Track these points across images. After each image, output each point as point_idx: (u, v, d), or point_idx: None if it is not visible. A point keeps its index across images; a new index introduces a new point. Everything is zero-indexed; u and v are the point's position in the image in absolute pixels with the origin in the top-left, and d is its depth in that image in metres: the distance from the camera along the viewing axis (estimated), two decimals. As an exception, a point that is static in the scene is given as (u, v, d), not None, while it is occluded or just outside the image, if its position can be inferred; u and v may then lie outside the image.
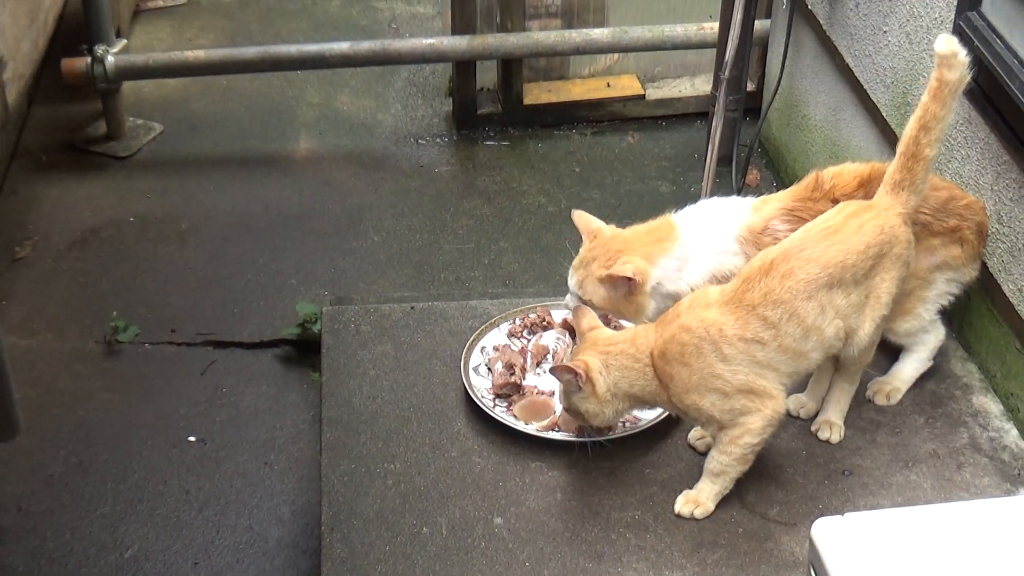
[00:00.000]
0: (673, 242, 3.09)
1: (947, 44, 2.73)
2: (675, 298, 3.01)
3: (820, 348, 2.82)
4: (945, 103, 2.77)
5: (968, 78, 2.76)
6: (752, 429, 2.79)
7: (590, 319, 2.94)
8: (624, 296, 3.06)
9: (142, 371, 4.03)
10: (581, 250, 3.14)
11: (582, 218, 3.20)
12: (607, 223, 3.20)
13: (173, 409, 3.88)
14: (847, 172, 3.14)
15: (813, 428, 3.07)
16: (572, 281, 3.12)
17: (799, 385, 3.17)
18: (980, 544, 1.97)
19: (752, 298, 2.75)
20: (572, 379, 2.81)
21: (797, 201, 3.12)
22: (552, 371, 2.89)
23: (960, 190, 3.18)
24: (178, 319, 4.22)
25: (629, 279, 3.01)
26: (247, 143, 5.17)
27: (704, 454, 2.94)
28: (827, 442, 3.04)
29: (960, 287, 3.16)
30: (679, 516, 2.86)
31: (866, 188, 3.08)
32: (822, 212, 3.03)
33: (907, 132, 2.82)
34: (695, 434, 3.05)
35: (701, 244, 3.10)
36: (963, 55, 2.74)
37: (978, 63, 3.16)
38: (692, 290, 3.01)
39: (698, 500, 2.87)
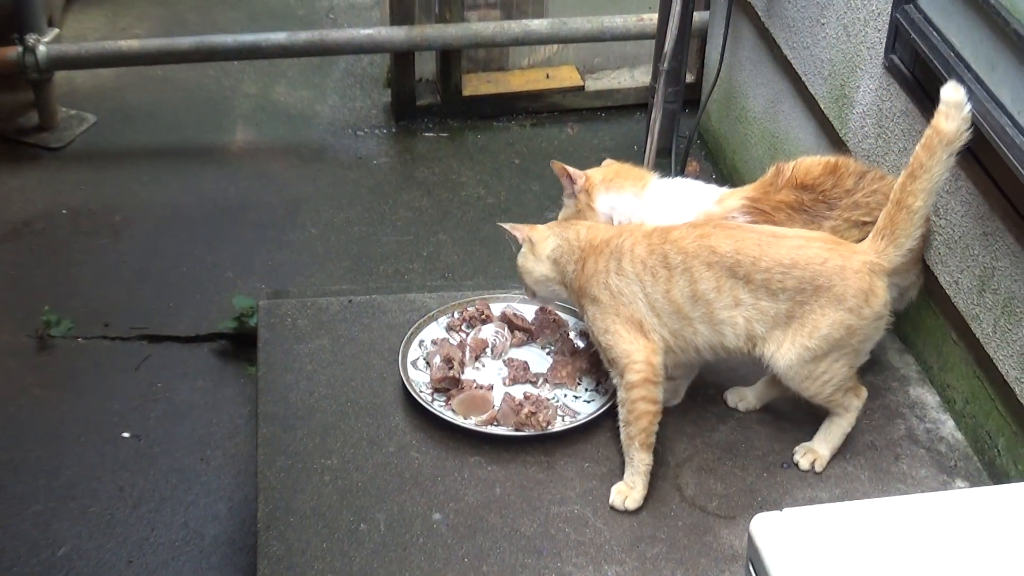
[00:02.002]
0: (636, 187, 3.24)
1: (955, 92, 2.61)
2: None
3: (708, 326, 2.83)
4: (934, 154, 2.64)
5: (966, 136, 2.64)
6: (629, 364, 2.85)
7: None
8: (574, 206, 3.24)
9: (75, 366, 3.97)
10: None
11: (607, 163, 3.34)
12: (546, 217, 3.26)
13: (107, 405, 3.83)
14: (811, 159, 3.17)
15: (795, 455, 3.01)
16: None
17: (744, 379, 3.19)
18: (916, 538, 1.97)
19: (670, 237, 2.86)
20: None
21: (758, 192, 3.15)
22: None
23: None
24: (112, 313, 4.16)
25: (572, 179, 3.20)
26: (183, 134, 5.11)
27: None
28: (810, 470, 2.98)
29: (899, 290, 3.17)
30: (613, 509, 2.87)
31: (834, 176, 3.10)
32: (783, 201, 3.06)
33: (900, 178, 2.74)
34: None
35: (657, 212, 3.17)
36: (967, 109, 2.62)
37: (914, 56, 3.18)
38: None
39: (621, 488, 2.89)
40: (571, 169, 3.22)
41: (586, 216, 3.21)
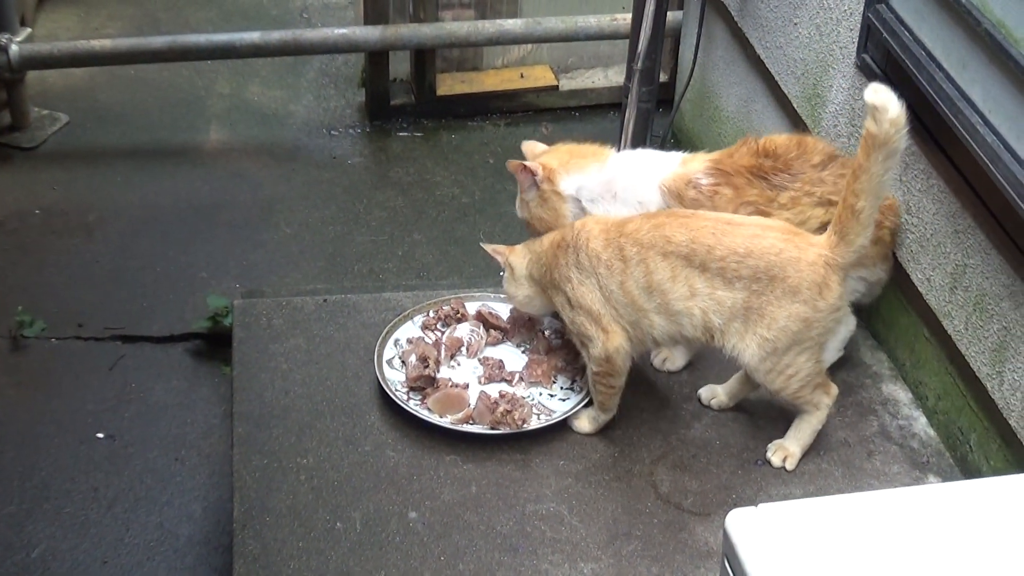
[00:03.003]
0: (597, 162, 3.22)
1: (873, 94, 2.57)
2: None
3: (664, 317, 2.86)
4: (869, 155, 2.62)
5: (899, 138, 2.60)
6: (591, 356, 2.95)
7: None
8: (538, 199, 3.19)
9: (49, 367, 3.95)
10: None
11: (528, 145, 3.34)
12: (520, 216, 3.25)
13: (81, 405, 3.81)
14: (782, 135, 3.21)
15: (768, 452, 3.03)
16: (517, 208, 3.29)
17: (718, 377, 3.20)
18: (890, 533, 1.99)
19: (625, 229, 2.89)
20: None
21: (722, 155, 3.18)
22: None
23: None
24: (86, 313, 4.14)
25: (532, 171, 3.16)
26: (156, 134, 5.09)
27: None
28: (782, 468, 3.00)
29: (867, 285, 3.19)
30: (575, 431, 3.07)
31: (800, 149, 3.12)
32: (744, 165, 3.10)
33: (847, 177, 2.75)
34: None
35: (625, 180, 3.17)
36: (893, 111, 2.56)
37: (886, 55, 3.20)
38: None
39: (579, 415, 3.08)
40: (527, 163, 3.20)
41: (552, 206, 3.19)
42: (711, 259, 2.78)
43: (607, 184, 3.18)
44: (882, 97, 2.56)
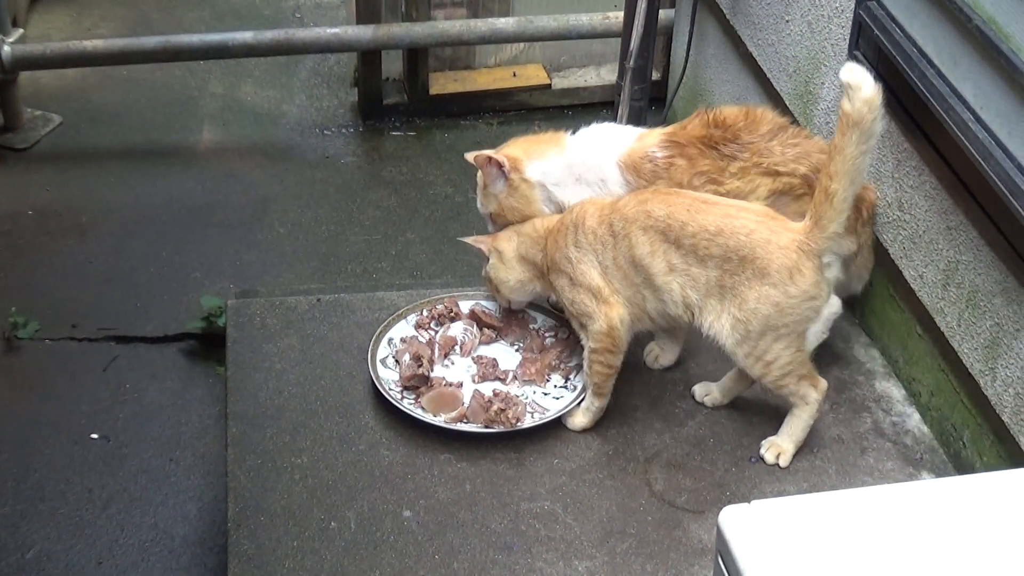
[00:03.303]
0: (555, 147, 3.27)
1: (847, 73, 2.62)
2: (562, 207, 3.20)
3: (651, 291, 2.91)
4: (845, 134, 2.64)
5: (872, 119, 2.62)
6: (591, 332, 2.98)
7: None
8: (507, 189, 3.22)
9: (43, 368, 3.95)
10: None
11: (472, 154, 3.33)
12: (485, 212, 3.31)
13: (75, 406, 3.81)
14: (732, 107, 3.26)
15: (761, 449, 3.03)
16: (479, 204, 3.31)
17: (712, 374, 3.21)
18: (884, 528, 1.99)
19: (617, 206, 2.96)
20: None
21: (676, 128, 3.24)
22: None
23: None
24: (79, 314, 4.14)
25: (499, 163, 3.19)
26: (149, 134, 5.09)
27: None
28: (775, 465, 3.00)
29: (837, 258, 3.17)
30: (570, 430, 3.08)
31: (747, 119, 3.16)
32: (696, 136, 3.16)
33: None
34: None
35: (584, 160, 3.23)
36: (867, 90, 2.59)
37: (878, 52, 3.20)
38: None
39: (573, 412, 3.06)
40: (492, 154, 3.22)
41: (522, 194, 3.21)
42: (684, 235, 2.83)
43: (568, 167, 3.24)
44: (856, 76, 2.61)
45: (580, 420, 3.06)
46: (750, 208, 2.91)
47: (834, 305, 3.18)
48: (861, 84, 2.60)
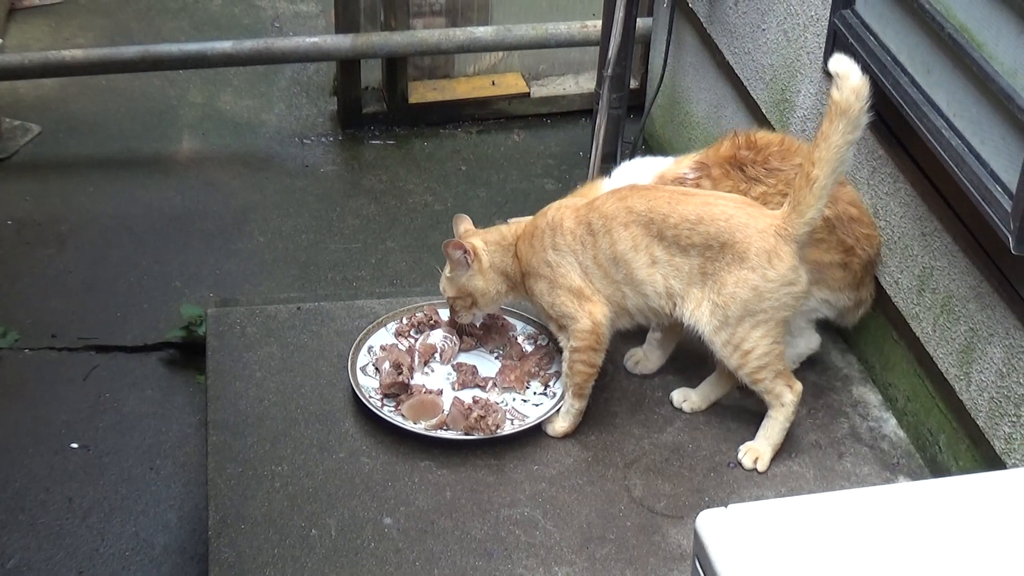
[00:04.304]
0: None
1: (835, 63, 2.68)
2: None
3: (632, 287, 2.94)
4: (832, 122, 2.70)
5: (859, 108, 2.68)
6: (573, 332, 2.99)
7: (466, 224, 3.21)
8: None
9: (22, 377, 3.95)
10: None
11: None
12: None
13: (55, 415, 3.81)
14: (773, 133, 3.26)
15: (739, 454, 3.06)
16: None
17: (690, 380, 3.22)
18: (861, 531, 2.01)
19: (594, 205, 2.97)
20: (462, 255, 3.06)
21: (710, 149, 3.24)
22: (444, 247, 3.09)
23: (869, 217, 3.20)
24: (59, 324, 4.14)
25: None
26: (128, 144, 5.09)
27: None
28: (753, 469, 3.02)
29: (834, 311, 3.20)
30: (551, 436, 3.09)
31: (783, 147, 3.16)
32: (724, 156, 3.17)
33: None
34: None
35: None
36: (854, 79, 2.66)
37: (852, 59, 3.23)
38: None
39: (552, 419, 3.08)
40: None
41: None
42: (666, 227, 2.86)
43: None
44: (844, 65, 2.67)
45: (561, 425, 3.07)
46: (727, 196, 2.96)
47: (812, 342, 3.23)
48: (849, 73, 2.66)
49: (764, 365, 2.91)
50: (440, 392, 3.15)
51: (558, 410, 3.09)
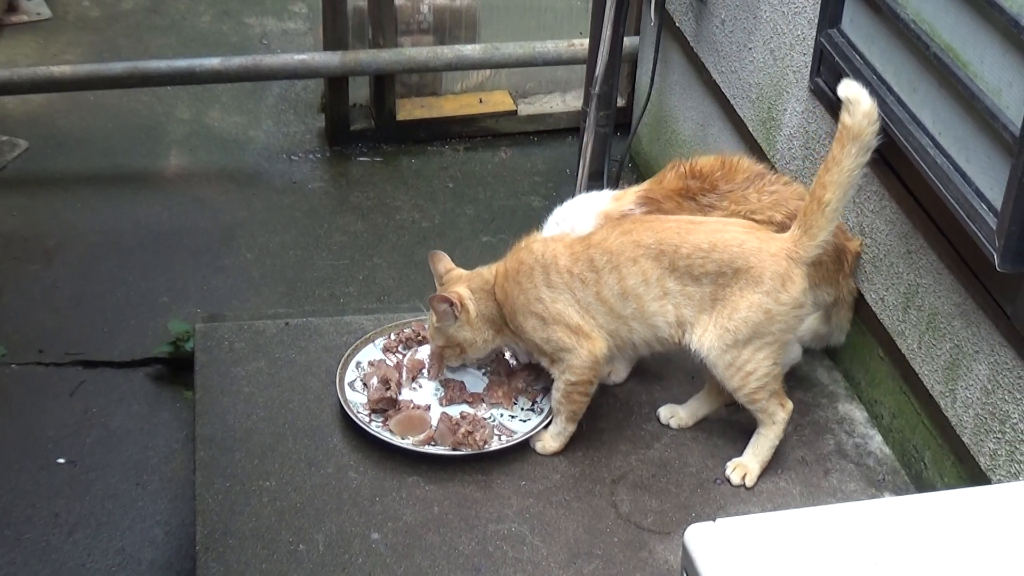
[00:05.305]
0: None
1: (845, 88, 2.70)
2: None
3: (641, 320, 2.92)
4: (844, 146, 2.72)
5: (872, 131, 2.70)
6: (571, 366, 2.97)
7: (445, 262, 3.17)
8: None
9: (9, 392, 3.94)
10: None
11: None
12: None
13: (41, 431, 3.80)
14: (708, 156, 3.29)
15: (727, 470, 3.06)
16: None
17: (677, 396, 3.23)
18: (846, 545, 2.02)
19: (592, 240, 2.94)
20: (448, 308, 3.01)
21: (652, 184, 3.27)
22: (429, 301, 3.05)
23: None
24: (46, 339, 4.13)
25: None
26: (115, 160, 5.09)
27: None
28: (741, 485, 3.03)
29: (817, 309, 3.22)
30: (539, 453, 3.07)
31: (724, 169, 3.19)
32: (672, 189, 3.19)
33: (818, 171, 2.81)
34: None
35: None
36: (865, 104, 2.68)
37: (839, 79, 3.24)
38: None
39: (542, 436, 3.07)
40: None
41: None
42: (679, 257, 2.85)
43: None
44: (854, 90, 2.69)
45: (552, 445, 3.08)
46: (734, 221, 2.96)
47: (795, 352, 3.24)
48: (859, 98, 2.68)
49: (763, 386, 2.92)
50: (428, 408, 3.15)
51: (546, 426, 3.09)
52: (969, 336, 2.83)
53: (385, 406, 3.13)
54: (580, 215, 3.23)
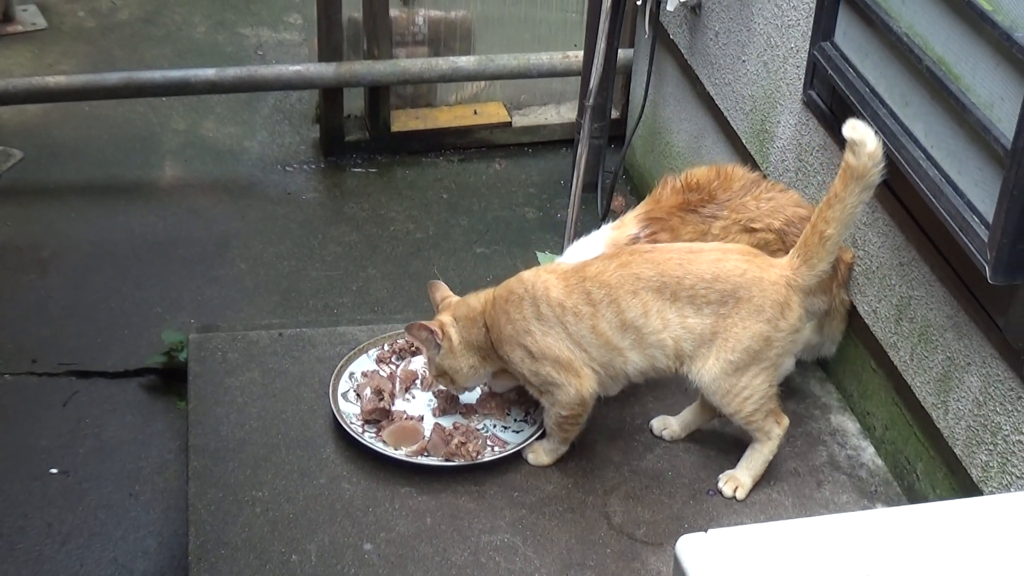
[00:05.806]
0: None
1: (851, 130, 2.67)
2: None
3: (639, 352, 2.89)
4: (847, 185, 2.71)
5: (876, 172, 2.70)
6: (559, 401, 2.96)
7: (442, 291, 3.15)
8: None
9: (2, 402, 3.93)
10: None
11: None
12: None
13: (34, 441, 3.79)
14: (699, 167, 3.30)
15: (719, 483, 3.07)
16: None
17: (670, 408, 3.24)
18: (839, 557, 2.02)
19: (587, 273, 2.90)
20: (430, 336, 3.00)
21: (650, 204, 3.27)
22: (408, 330, 3.03)
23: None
24: (39, 349, 4.13)
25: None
26: (110, 170, 5.10)
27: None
28: (732, 498, 3.03)
29: (808, 317, 3.23)
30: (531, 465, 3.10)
31: (719, 178, 3.20)
32: (673, 205, 3.19)
33: (820, 204, 2.81)
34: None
35: None
36: (871, 145, 2.66)
37: (831, 91, 3.27)
38: None
39: (535, 449, 3.08)
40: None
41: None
42: (681, 288, 2.83)
43: None
44: (860, 132, 2.66)
45: (544, 459, 3.08)
46: (732, 248, 2.95)
47: (787, 364, 3.25)
48: (865, 139, 2.66)
49: (759, 408, 2.93)
50: (421, 418, 3.16)
51: (539, 437, 3.10)
52: (961, 348, 2.84)
53: (378, 417, 3.13)
54: (591, 250, 3.20)
